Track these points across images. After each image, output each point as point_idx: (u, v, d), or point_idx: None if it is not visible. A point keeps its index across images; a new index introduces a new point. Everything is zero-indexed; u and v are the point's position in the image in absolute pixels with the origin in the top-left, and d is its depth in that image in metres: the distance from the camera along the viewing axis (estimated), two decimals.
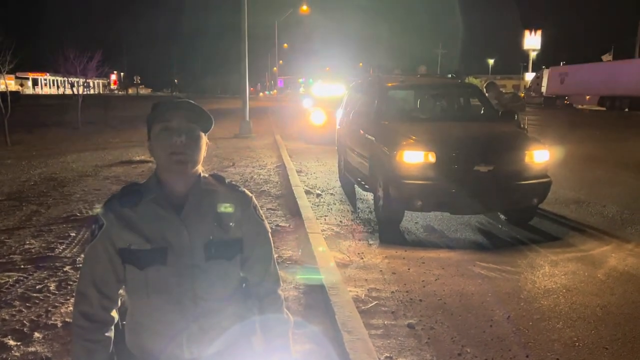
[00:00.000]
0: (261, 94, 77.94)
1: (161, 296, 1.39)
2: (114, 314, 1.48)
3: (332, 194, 8.04)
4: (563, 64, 49.10)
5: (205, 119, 1.44)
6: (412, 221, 6.38)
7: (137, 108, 31.07)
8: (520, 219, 6.20)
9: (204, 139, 1.45)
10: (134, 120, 22.19)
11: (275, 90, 68.75)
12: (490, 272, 4.68)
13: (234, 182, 1.57)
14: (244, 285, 1.54)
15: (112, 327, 1.47)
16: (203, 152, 1.45)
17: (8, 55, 15.64)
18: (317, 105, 16.39)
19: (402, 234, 5.93)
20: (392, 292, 4.22)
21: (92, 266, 1.43)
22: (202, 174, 1.48)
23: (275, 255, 1.64)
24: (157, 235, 1.39)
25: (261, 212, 1.58)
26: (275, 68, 69.31)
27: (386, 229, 5.97)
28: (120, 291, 1.49)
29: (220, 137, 15.57)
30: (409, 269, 4.77)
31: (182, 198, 1.43)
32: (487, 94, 7.85)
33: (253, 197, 1.57)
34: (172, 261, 1.39)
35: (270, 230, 1.61)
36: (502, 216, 6.47)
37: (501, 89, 8.31)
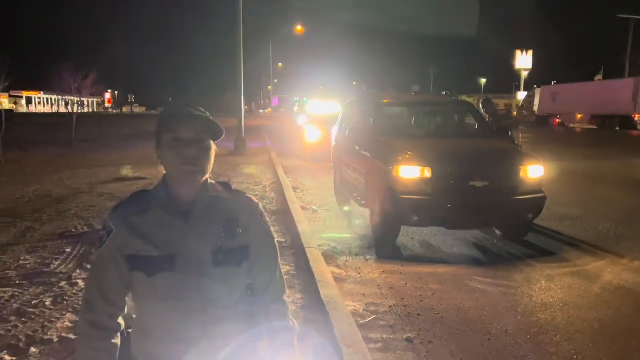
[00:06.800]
0: (261, 110, 78.10)
1: (169, 303, 1.40)
2: (121, 321, 1.47)
3: (328, 210, 8.06)
4: (554, 84, 49.70)
5: (214, 129, 1.45)
6: (409, 237, 6.39)
7: (131, 126, 31.12)
8: (515, 235, 6.23)
9: (214, 148, 1.47)
10: (128, 139, 22.20)
11: (269, 109, 69.01)
12: (487, 287, 4.70)
13: (240, 189, 1.59)
14: (250, 292, 1.55)
15: (118, 335, 1.47)
16: (212, 161, 1.47)
17: (3, 73, 15.69)
18: (312, 122, 16.47)
19: (398, 249, 5.94)
20: (390, 306, 4.22)
21: (100, 273, 1.44)
22: (208, 181, 1.50)
23: None
24: (165, 242, 1.39)
25: (267, 218, 1.59)
26: (270, 87, 69.69)
27: (383, 245, 5.97)
28: (126, 298, 1.49)
29: (216, 155, 15.54)
30: (406, 284, 4.77)
31: (190, 205, 1.44)
32: (482, 111, 7.94)
33: (259, 204, 1.59)
34: (180, 268, 1.39)
35: (276, 237, 1.62)
36: (497, 231, 6.50)
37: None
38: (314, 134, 15.58)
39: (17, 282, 4.58)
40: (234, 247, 1.45)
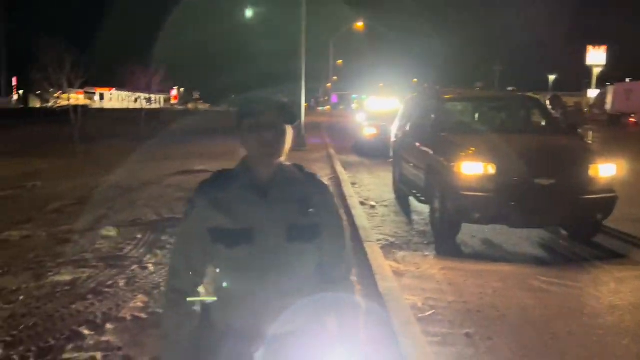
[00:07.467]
0: (319, 108, 78.10)
1: (246, 274, 1.51)
2: (202, 289, 1.61)
3: (386, 205, 8.05)
4: (629, 81, 46.97)
5: (291, 114, 1.56)
6: (469, 234, 6.28)
7: (195, 122, 32.20)
8: (582, 235, 6.00)
9: (290, 132, 1.57)
10: (193, 134, 23.01)
11: (328, 107, 69.07)
12: (551, 287, 4.57)
13: (312, 172, 1.67)
14: (320, 268, 1.62)
15: (199, 302, 1.60)
16: (289, 143, 1.57)
17: (81, 71, 16.68)
18: (371, 119, 16.45)
19: (458, 246, 5.87)
20: (449, 302, 4.20)
21: (184, 244, 1.59)
22: (284, 163, 1.60)
23: None
24: (244, 216, 1.51)
25: (336, 201, 1.67)
26: (329, 84, 69.86)
27: (442, 241, 5.91)
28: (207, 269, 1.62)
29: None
30: (466, 281, 4.72)
31: (267, 184, 1.56)
32: (550, 107, 7.68)
33: (329, 186, 1.67)
34: (258, 241, 1.50)
35: (344, 219, 1.69)
36: (563, 231, 6.28)
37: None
38: (373, 130, 15.56)
39: (94, 264, 4.90)
40: (306, 224, 1.55)
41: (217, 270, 1.56)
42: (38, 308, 3.86)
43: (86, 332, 3.50)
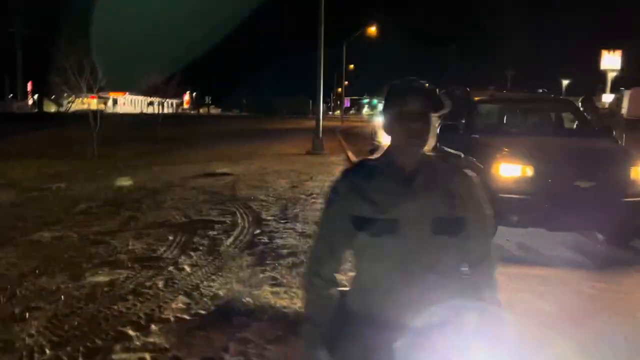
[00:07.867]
0: (330, 112, 77.43)
1: (388, 264, 1.46)
2: (338, 276, 1.59)
3: None
4: None
5: (437, 103, 1.51)
6: (503, 238, 6.17)
7: (209, 126, 32.30)
8: (620, 239, 5.87)
9: (435, 120, 1.51)
10: (208, 138, 23.06)
11: (338, 111, 69.09)
12: (597, 292, 4.45)
13: (456, 163, 1.61)
14: (463, 264, 1.56)
15: (336, 288, 1.59)
16: (433, 133, 1.52)
17: (100, 75, 16.78)
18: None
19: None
20: None
21: (327, 231, 1.58)
22: (428, 153, 1.54)
23: None
24: (388, 206, 1.46)
25: (484, 193, 1.60)
26: (340, 89, 69.93)
27: None
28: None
29: (294, 154, 15.88)
30: (508, 284, 4.60)
31: (412, 174, 1.50)
32: (582, 109, 7.57)
33: (476, 177, 1.60)
34: (402, 232, 1.44)
35: (492, 214, 1.61)
36: (599, 235, 6.15)
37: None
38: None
39: (129, 265, 4.86)
40: (451, 217, 1.48)
41: (359, 258, 1.54)
42: (80, 308, 3.82)
43: (131, 332, 3.45)
